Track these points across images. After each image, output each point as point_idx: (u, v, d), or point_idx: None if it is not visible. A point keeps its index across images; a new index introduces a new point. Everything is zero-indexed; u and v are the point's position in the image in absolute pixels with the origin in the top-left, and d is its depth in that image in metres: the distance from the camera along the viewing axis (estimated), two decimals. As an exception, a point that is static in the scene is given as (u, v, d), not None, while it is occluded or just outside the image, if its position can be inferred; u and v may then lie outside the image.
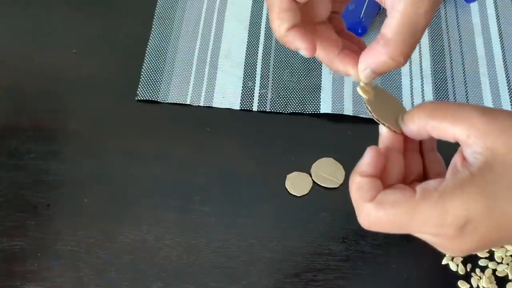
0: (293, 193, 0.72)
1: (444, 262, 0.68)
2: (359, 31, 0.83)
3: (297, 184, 0.73)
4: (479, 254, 0.69)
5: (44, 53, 0.83)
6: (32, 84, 0.80)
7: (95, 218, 0.70)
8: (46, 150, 0.75)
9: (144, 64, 0.83)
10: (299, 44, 0.48)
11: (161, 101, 0.80)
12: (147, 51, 0.84)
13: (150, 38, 0.85)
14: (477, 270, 0.68)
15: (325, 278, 0.67)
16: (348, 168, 0.74)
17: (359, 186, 0.47)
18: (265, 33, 0.87)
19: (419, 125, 0.46)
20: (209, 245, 0.69)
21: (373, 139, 0.77)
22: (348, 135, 0.77)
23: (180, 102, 0.80)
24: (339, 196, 0.72)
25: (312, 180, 0.73)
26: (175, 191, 0.73)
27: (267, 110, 0.79)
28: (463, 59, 0.84)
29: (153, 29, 0.86)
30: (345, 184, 0.73)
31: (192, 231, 0.70)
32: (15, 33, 0.85)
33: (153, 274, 0.67)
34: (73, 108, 0.79)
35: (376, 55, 0.47)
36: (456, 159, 0.44)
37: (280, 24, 0.48)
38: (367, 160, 0.47)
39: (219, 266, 0.68)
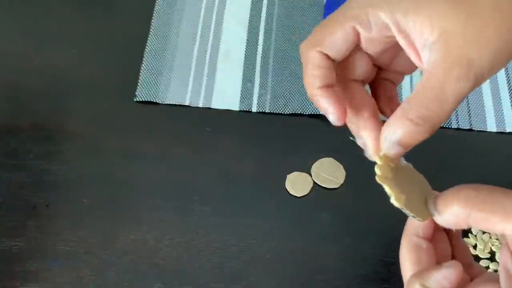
0: (293, 193, 0.72)
1: (445, 262, 0.68)
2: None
3: (297, 184, 0.73)
4: (480, 255, 0.69)
5: (44, 53, 0.83)
6: (32, 84, 0.80)
7: (95, 218, 0.70)
8: (46, 150, 0.75)
9: (143, 65, 0.82)
10: (327, 107, 0.46)
11: (160, 102, 0.80)
12: (145, 52, 0.84)
13: (149, 38, 0.85)
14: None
15: (325, 278, 0.67)
16: (348, 168, 0.74)
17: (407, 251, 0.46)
18: (264, 34, 0.86)
19: (460, 217, 0.41)
20: (209, 245, 0.69)
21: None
22: (349, 135, 0.77)
23: (179, 103, 0.80)
24: (339, 196, 0.73)
25: (312, 180, 0.73)
26: (175, 191, 0.73)
27: (266, 111, 0.79)
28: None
29: (151, 29, 0.86)
30: (345, 184, 0.73)
31: (192, 231, 0.70)
32: (15, 33, 0.85)
33: (153, 274, 0.67)
34: (73, 108, 0.79)
35: (398, 117, 0.43)
36: (506, 258, 0.41)
37: (313, 81, 0.47)
38: (410, 265, 0.45)
39: (219, 266, 0.68)
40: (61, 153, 0.75)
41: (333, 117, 0.47)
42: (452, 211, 0.41)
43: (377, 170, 0.43)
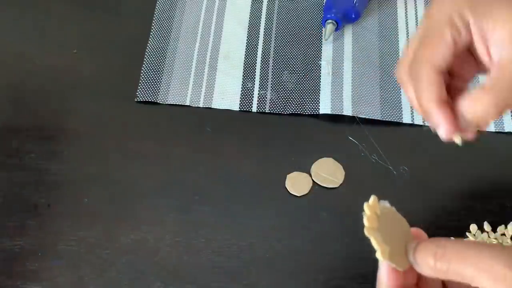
0: (293, 193, 0.72)
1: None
2: (352, 16, 0.84)
3: (297, 184, 0.73)
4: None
5: (44, 53, 0.83)
6: (32, 84, 0.81)
7: (96, 218, 0.70)
8: (47, 150, 0.75)
9: (144, 65, 0.83)
10: (441, 121, 0.49)
11: (161, 102, 0.80)
12: (146, 52, 0.84)
13: (149, 39, 0.85)
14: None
15: (325, 278, 0.67)
16: (348, 168, 0.74)
17: None
18: (264, 34, 0.87)
19: (438, 271, 0.43)
20: (209, 245, 0.69)
21: (372, 139, 0.77)
22: (348, 135, 0.77)
23: (180, 103, 0.80)
24: (339, 196, 0.73)
25: (312, 180, 0.73)
26: (175, 191, 0.73)
27: (266, 111, 0.79)
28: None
29: (152, 30, 0.86)
30: (344, 184, 0.73)
31: (192, 231, 0.70)
32: (15, 33, 0.85)
33: (153, 274, 0.67)
34: (74, 108, 0.79)
35: (471, 100, 0.48)
36: None
37: (428, 95, 0.50)
38: (385, 276, 0.46)
39: (219, 266, 0.68)
40: (62, 153, 0.75)
41: (445, 132, 0.50)
42: (429, 266, 0.43)
43: (365, 221, 0.44)
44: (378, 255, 0.43)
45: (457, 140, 0.51)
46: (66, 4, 0.88)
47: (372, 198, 0.46)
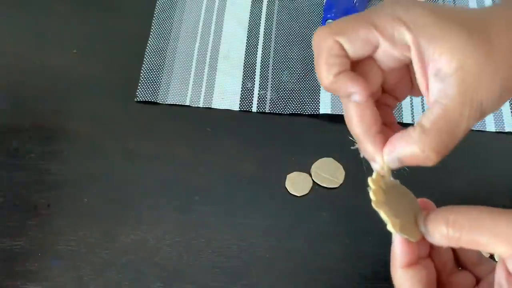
0: (293, 193, 0.72)
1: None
2: (352, 16, 0.84)
3: (297, 184, 0.73)
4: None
5: (44, 53, 0.83)
6: (32, 84, 0.81)
7: (96, 218, 0.70)
8: (46, 150, 0.75)
9: (144, 65, 0.83)
10: (351, 88, 0.44)
11: (161, 102, 0.80)
12: (146, 52, 0.84)
13: (149, 39, 0.85)
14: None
15: (325, 278, 0.67)
16: (348, 168, 0.74)
17: (404, 281, 0.45)
18: (264, 34, 0.87)
19: (449, 239, 0.42)
20: (209, 245, 0.69)
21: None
22: (348, 135, 0.77)
23: (180, 103, 0.80)
24: (339, 196, 0.73)
25: (312, 180, 0.73)
26: (175, 191, 0.73)
27: (266, 111, 0.79)
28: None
29: (152, 30, 0.86)
30: (345, 184, 0.73)
31: (192, 231, 0.70)
32: (15, 33, 0.85)
33: (153, 274, 0.67)
34: (73, 108, 0.79)
35: (407, 142, 0.43)
36: (500, 275, 0.41)
37: (329, 69, 0.45)
38: (399, 249, 0.44)
39: (219, 266, 0.68)
40: (62, 153, 0.75)
41: (359, 95, 0.45)
42: (441, 234, 0.42)
43: (371, 195, 0.43)
44: (390, 227, 0.42)
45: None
46: (66, 4, 0.88)
47: (375, 173, 0.46)
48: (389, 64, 0.46)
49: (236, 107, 0.80)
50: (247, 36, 0.86)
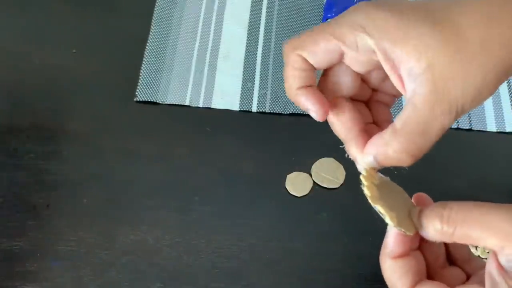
0: (293, 193, 0.72)
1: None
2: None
3: (297, 184, 0.73)
4: (480, 255, 0.69)
5: (43, 53, 0.83)
6: (32, 84, 0.80)
7: (95, 218, 0.70)
8: (46, 150, 0.75)
9: (143, 65, 0.82)
10: (308, 105, 0.45)
11: (160, 102, 0.80)
12: (145, 52, 0.84)
13: (149, 39, 0.85)
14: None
15: (325, 278, 0.67)
16: (348, 168, 0.74)
17: (392, 271, 0.45)
18: (264, 34, 0.86)
19: (445, 234, 0.42)
20: (209, 245, 0.69)
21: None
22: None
23: (179, 103, 0.80)
24: (339, 196, 0.73)
25: (312, 180, 0.73)
26: (175, 191, 0.73)
27: (266, 111, 0.79)
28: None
29: (151, 29, 0.86)
30: (345, 184, 0.73)
31: (192, 231, 0.70)
32: (15, 33, 0.85)
33: (153, 274, 0.67)
34: (73, 108, 0.79)
35: (380, 144, 0.44)
36: (491, 267, 0.41)
37: (292, 82, 0.46)
38: (393, 240, 0.45)
39: (219, 266, 0.68)
40: (61, 153, 0.75)
41: (315, 114, 0.46)
42: (436, 229, 0.42)
43: (366, 191, 0.43)
44: (388, 220, 0.42)
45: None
46: (65, 4, 0.88)
47: (365, 170, 0.46)
48: (362, 68, 0.46)
49: (236, 107, 0.80)
50: (247, 36, 0.86)
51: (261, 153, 0.76)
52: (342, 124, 0.47)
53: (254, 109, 0.80)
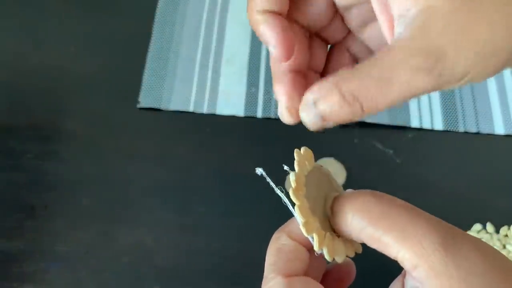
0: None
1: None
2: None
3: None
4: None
5: (42, 53, 0.83)
6: (30, 84, 0.80)
7: (94, 219, 0.70)
8: (44, 150, 0.75)
9: (146, 71, 0.82)
10: (270, 37, 0.37)
11: (164, 109, 0.79)
12: (148, 58, 0.83)
13: (151, 44, 0.84)
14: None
15: (325, 278, 0.67)
16: (349, 168, 0.73)
17: (281, 250, 0.39)
18: (268, 37, 0.86)
19: (353, 229, 0.35)
20: (208, 246, 0.69)
21: (373, 139, 0.76)
22: (349, 135, 0.76)
23: (183, 110, 0.79)
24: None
25: (313, 180, 0.72)
26: (174, 192, 0.72)
27: (271, 116, 0.79)
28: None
29: (153, 33, 0.85)
30: (345, 184, 0.73)
31: (191, 232, 0.70)
32: (13, 33, 0.85)
33: (151, 275, 0.67)
34: (72, 108, 0.78)
35: (330, 85, 0.33)
36: None
37: (257, 2, 0.37)
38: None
39: (218, 267, 0.67)
40: (60, 153, 0.75)
41: (277, 51, 0.37)
42: (345, 221, 0.36)
43: (292, 182, 0.38)
44: (302, 227, 0.36)
45: (288, 119, 0.39)
46: (65, 3, 0.88)
47: (297, 167, 0.40)
48: None
49: (241, 113, 0.79)
50: (251, 40, 0.86)
51: (261, 153, 0.75)
52: (283, 52, 0.37)
53: (259, 115, 0.79)
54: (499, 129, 0.79)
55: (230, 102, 0.80)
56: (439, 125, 0.78)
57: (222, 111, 0.79)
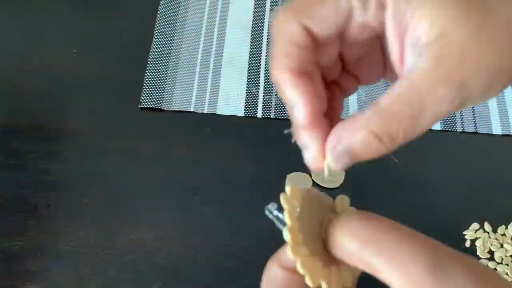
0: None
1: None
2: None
3: (297, 184, 0.72)
4: (480, 255, 0.69)
5: (44, 53, 0.83)
6: (33, 84, 0.81)
7: (95, 218, 0.70)
8: (46, 150, 0.75)
9: (147, 71, 0.82)
10: (295, 99, 0.36)
11: (165, 108, 0.79)
12: (149, 59, 0.83)
13: (152, 45, 0.85)
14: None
15: (325, 277, 0.67)
16: (348, 168, 0.74)
17: (273, 281, 0.38)
18: (267, 38, 0.86)
19: (344, 253, 0.34)
20: (209, 245, 0.69)
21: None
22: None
23: (184, 110, 0.79)
24: (339, 196, 0.72)
25: (312, 180, 0.73)
26: (175, 191, 0.73)
27: (271, 116, 0.79)
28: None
29: (154, 35, 0.86)
30: (345, 184, 0.73)
31: (192, 231, 0.70)
32: (15, 33, 0.85)
33: (153, 274, 0.67)
34: (73, 108, 0.79)
35: (355, 127, 0.34)
36: None
37: (284, 61, 0.36)
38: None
39: (219, 266, 0.68)
40: (62, 153, 0.75)
41: (300, 113, 0.36)
42: (338, 240, 0.34)
43: (287, 237, 0.36)
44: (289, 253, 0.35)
45: (325, 170, 0.38)
46: (66, 4, 0.88)
47: (289, 189, 0.38)
48: (357, 35, 0.37)
49: (241, 113, 0.80)
50: (251, 40, 0.86)
51: (261, 153, 0.75)
52: (306, 98, 0.36)
53: (259, 115, 0.79)
54: (497, 129, 0.79)
55: (230, 102, 0.80)
56: (437, 125, 0.78)
57: (222, 111, 0.80)
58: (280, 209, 0.38)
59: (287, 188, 0.38)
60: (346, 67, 0.41)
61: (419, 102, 0.33)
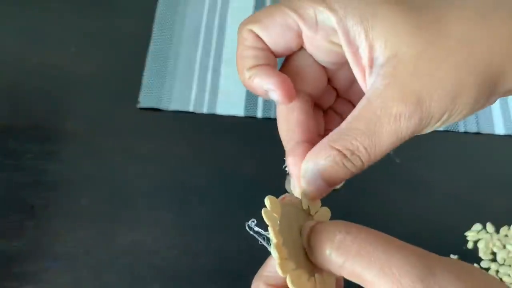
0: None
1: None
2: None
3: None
4: (482, 256, 0.69)
5: (42, 53, 0.83)
6: (31, 84, 0.80)
7: (94, 219, 0.70)
8: (44, 150, 0.75)
9: (146, 71, 0.82)
10: (265, 84, 0.37)
11: (164, 109, 0.79)
12: (148, 58, 0.83)
13: (151, 44, 0.84)
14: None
15: (325, 278, 0.67)
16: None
17: None
18: (267, 37, 0.86)
19: (331, 263, 0.33)
20: (208, 246, 0.69)
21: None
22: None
23: (183, 110, 0.79)
24: (339, 197, 0.71)
25: (312, 181, 0.72)
26: (174, 192, 0.72)
27: (271, 116, 0.79)
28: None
29: (153, 34, 0.85)
30: (345, 184, 0.72)
31: (191, 232, 0.70)
32: (14, 33, 0.85)
33: (151, 275, 0.67)
34: (72, 108, 0.78)
35: (319, 146, 0.36)
36: None
37: (243, 63, 0.39)
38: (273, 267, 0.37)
39: (218, 267, 0.67)
40: (60, 153, 0.75)
41: (278, 95, 0.37)
42: (321, 253, 0.34)
43: (274, 254, 0.35)
44: (278, 269, 0.34)
45: (302, 198, 0.40)
46: (65, 3, 0.88)
47: (268, 201, 0.38)
48: (325, 57, 0.38)
49: (241, 113, 0.79)
50: (251, 39, 0.86)
51: (261, 153, 0.75)
52: (287, 125, 0.40)
53: (260, 115, 0.79)
54: (499, 129, 0.79)
55: (230, 102, 0.80)
56: (439, 125, 0.78)
57: (222, 111, 0.79)
58: (261, 224, 0.37)
59: (267, 201, 0.38)
60: (339, 94, 0.43)
61: (375, 119, 0.34)
